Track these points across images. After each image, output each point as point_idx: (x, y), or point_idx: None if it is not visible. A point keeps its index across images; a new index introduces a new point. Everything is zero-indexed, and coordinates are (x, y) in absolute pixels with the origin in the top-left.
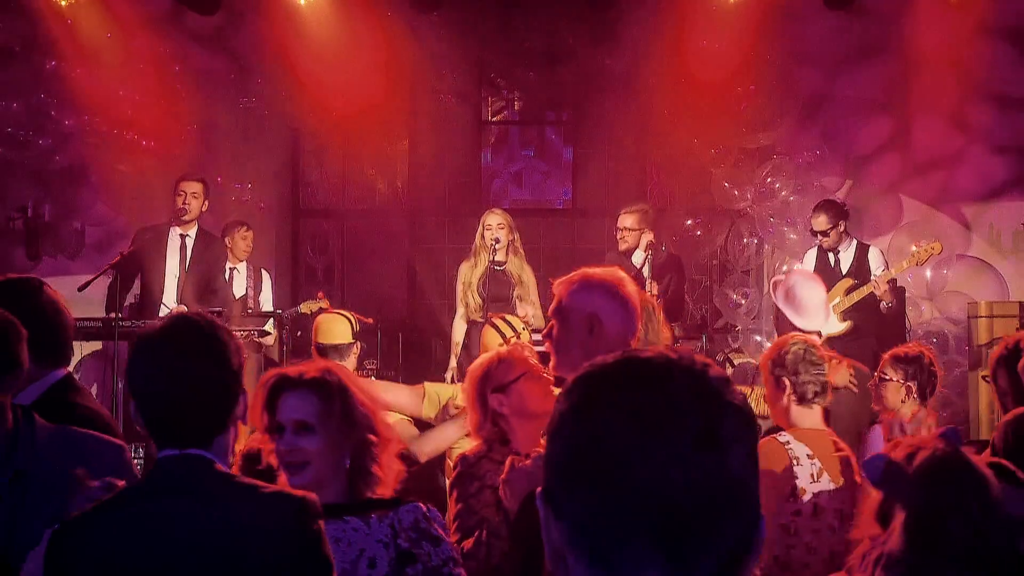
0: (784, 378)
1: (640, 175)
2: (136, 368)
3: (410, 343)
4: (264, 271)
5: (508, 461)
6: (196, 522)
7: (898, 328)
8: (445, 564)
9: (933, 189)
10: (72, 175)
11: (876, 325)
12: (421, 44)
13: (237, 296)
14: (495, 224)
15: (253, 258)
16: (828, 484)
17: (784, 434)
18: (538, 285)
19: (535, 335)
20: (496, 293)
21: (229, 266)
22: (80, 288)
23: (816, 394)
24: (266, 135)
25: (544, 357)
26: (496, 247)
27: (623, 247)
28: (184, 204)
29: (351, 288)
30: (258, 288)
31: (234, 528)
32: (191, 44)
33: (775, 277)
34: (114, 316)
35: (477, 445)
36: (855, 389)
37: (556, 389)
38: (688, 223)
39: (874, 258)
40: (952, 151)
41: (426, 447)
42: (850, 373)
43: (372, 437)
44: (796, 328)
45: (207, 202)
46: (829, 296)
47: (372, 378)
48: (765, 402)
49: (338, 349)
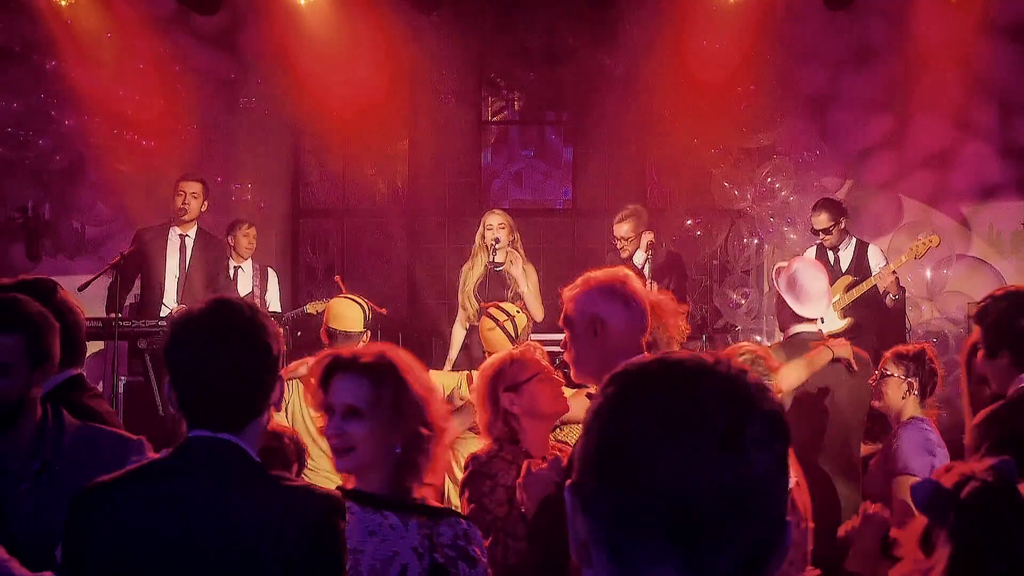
0: None
1: (640, 175)
2: (174, 347)
3: (410, 343)
4: (271, 270)
5: (524, 465)
6: (214, 507)
7: (898, 328)
8: None
9: (933, 189)
10: (72, 175)
11: (877, 323)
12: (421, 44)
13: (242, 295)
14: (496, 224)
15: (258, 257)
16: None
17: None
18: (540, 285)
19: (542, 335)
20: (495, 295)
21: (234, 265)
22: (80, 288)
23: None
24: (266, 135)
25: (555, 357)
26: (496, 247)
27: (624, 255)
28: (184, 204)
29: (351, 288)
30: (264, 287)
31: (250, 519)
32: (191, 44)
33: (778, 264)
34: (114, 316)
35: (488, 444)
36: (855, 367)
37: (567, 391)
38: (688, 223)
39: (874, 255)
40: (952, 151)
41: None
42: (852, 351)
43: (423, 429)
44: (798, 318)
45: (207, 202)
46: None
47: None
48: None
49: (348, 336)
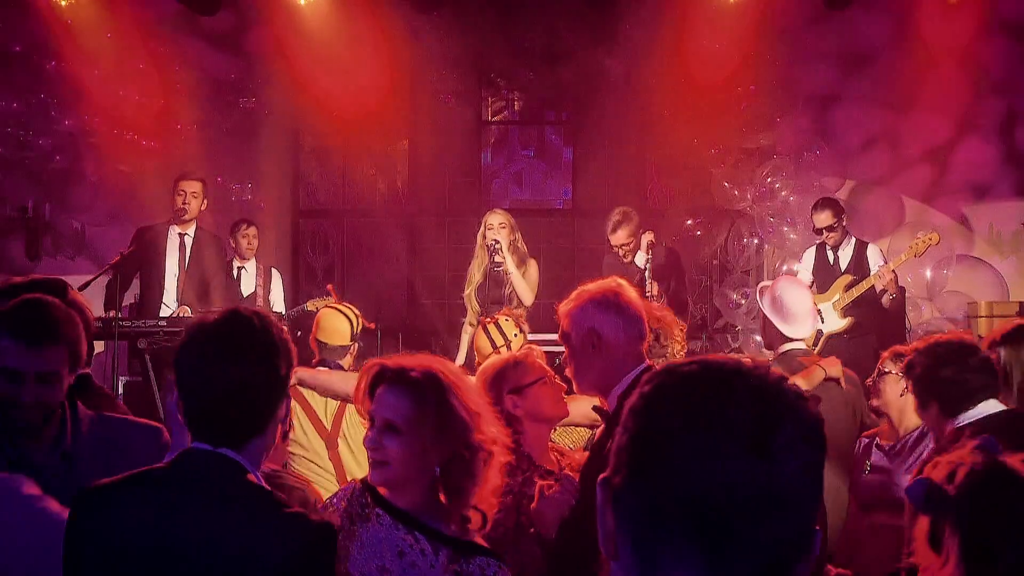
0: None
1: (640, 175)
2: (181, 358)
3: (410, 343)
4: (275, 270)
5: (537, 489)
6: (201, 521)
7: (898, 327)
8: None
9: (933, 188)
10: (72, 175)
11: (876, 322)
12: (421, 44)
13: (245, 295)
14: (496, 223)
15: (258, 257)
16: None
17: None
18: (540, 286)
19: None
20: (495, 295)
21: (237, 265)
22: (80, 288)
23: None
24: (266, 135)
25: (553, 358)
26: (496, 248)
27: (628, 260)
28: (184, 204)
29: (351, 288)
30: (267, 287)
31: (235, 537)
32: (192, 44)
33: (761, 284)
34: (114, 316)
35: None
36: (844, 384)
37: (567, 397)
38: (688, 223)
39: (873, 255)
40: (952, 151)
41: None
42: (842, 370)
43: (468, 450)
44: (784, 337)
45: (206, 201)
46: (829, 293)
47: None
48: None
49: (335, 349)
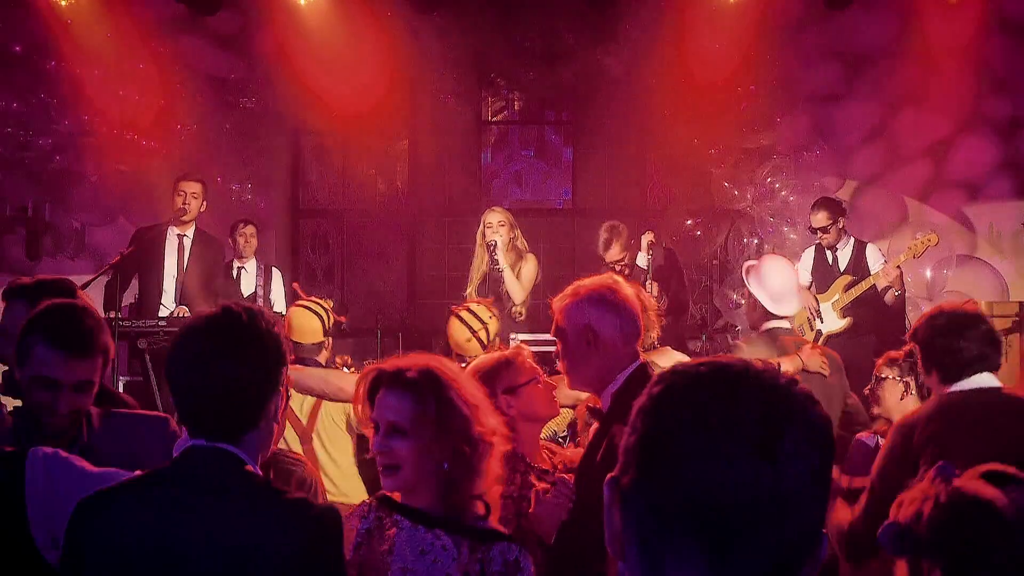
0: None
1: (640, 175)
2: (171, 357)
3: (410, 343)
4: (275, 269)
5: (533, 495)
6: (206, 517)
7: (898, 327)
8: None
9: (933, 189)
10: (72, 175)
11: (876, 322)
12: (421, 44)
13: (245, 295)
14: (495, 222)
15: (258, 257)
16: None
17: None
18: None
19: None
20: (496, 294)
21: (237, 265)
22: (80, 288)
23: None
24: (266, 135)
25: (543, 357)
26: (495, 247)
27: (627, 273)
28: (184, 204)
29: (351, 288)
30: (267, 287)
31: (242, 530)
32: (191, 44)
33: (747, 263)
34: (113, 316)
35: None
36: (825, 373)
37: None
38: (688, 223)
39: (872, 255)
40: (953, 151)
41: None
42: (822, 361)
43: (470, 444)
44: (768, 314)
45: (205, 202)
46: (828, 293)
47: (345, 369)
48: None
49: (308, 347)
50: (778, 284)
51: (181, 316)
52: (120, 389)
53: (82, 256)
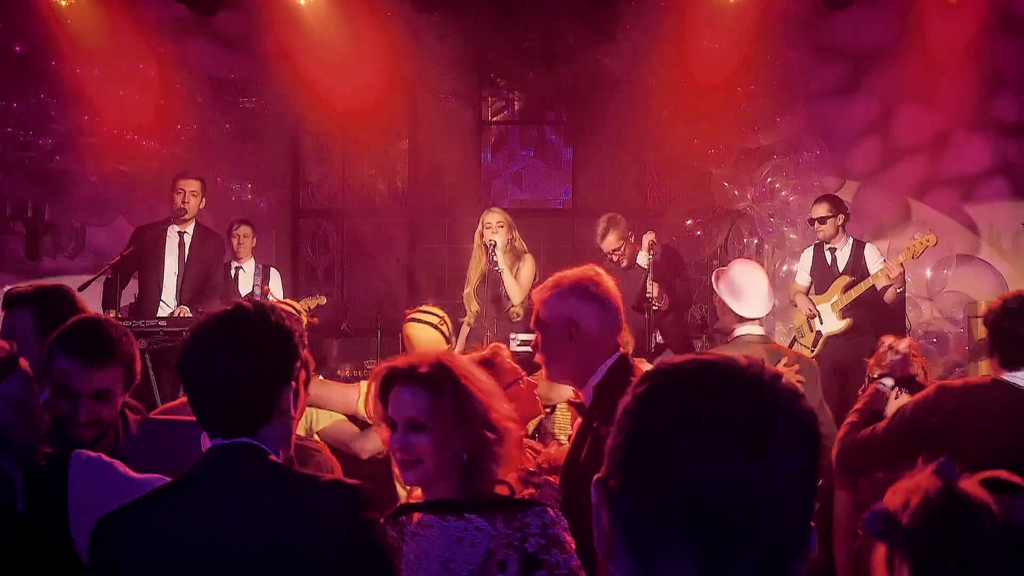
0: None
1: (640, 175)
2: (183, 355)
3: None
4: (273, 269)
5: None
6: (240, 513)
7: (898, 327)
8: (573, 574)
9: (933, 189)
10: (72, 175)
11: (875, 323)
12: (421, 44)
13: (243, 294)
14: (495, 223)
15: (258, 257)
16: None
17: None
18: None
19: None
20: (493, 294)
21: (235, 265)
22: (80, 288)
23: None
24: (266, 135)
25: (524, 358)
26: (494, 248)
27: (624, 264)
28: (183, 203)
29: (351, 288)
30: (266, 287)
31: (282, 519)
32: (192, 44)
33: (717, 268)
34: (113, 316)
35: None
36: (800, 390)
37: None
38: (688, 223)
39: (871, 255)
40: (953, 151)
41: (368, 444)
42: (793, 371)
43: (488, 433)
44: (741, 320)
45: (204, 200)
46: (827, 294)
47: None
48: None
49: None
50: (745, 284)
51: (182, 316)
52: None
53: (82, 256)
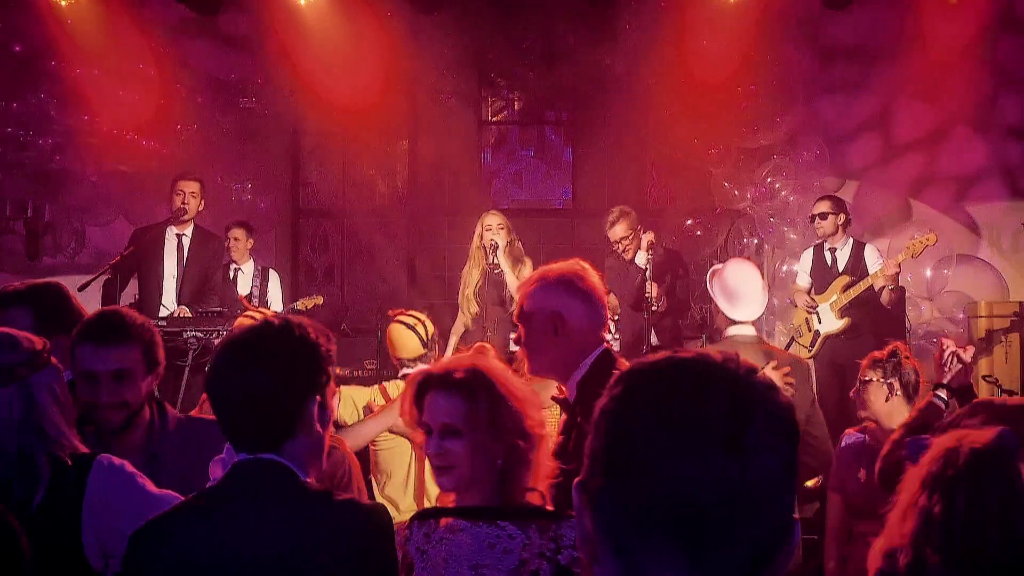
0: None
1: (640, 175)
2: (208, 371)
3: None
4: (272, 270)
5: None
6: (257, 530)
7: (898, 327)
8: None
9: (933, 189)
10: (72, 175)
11: (875, 323)
12: (421, 44)
13: (242, 295)
14: (495, 225)
15: (258, 257)
16: None
17: None
18: None
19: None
20: (494, 296)
21: (233, 266)
22: (80, 288)
23: None
24: (266, 135)
25: (510, 357)
26: (495, 249)
27: (628, 256)
28: (184, 204)
29: (351, 288)
30: (264, 288)
31: (294, 538)
32: (191, 44)
33: (713, 267)
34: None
35: None
36: (792, 391)
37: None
38: (688, 223)
39: (870, 255)
40: (952, 151)
41: (348, 441)
42: (784, 374)
43: (520, 441)
44: (730, 320)
45: (203, 201)
46: (827, 294)
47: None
48: None
49: (409, 363)
50: (737, 286)
51: (181, 316)
52: None
53: (82, 256)
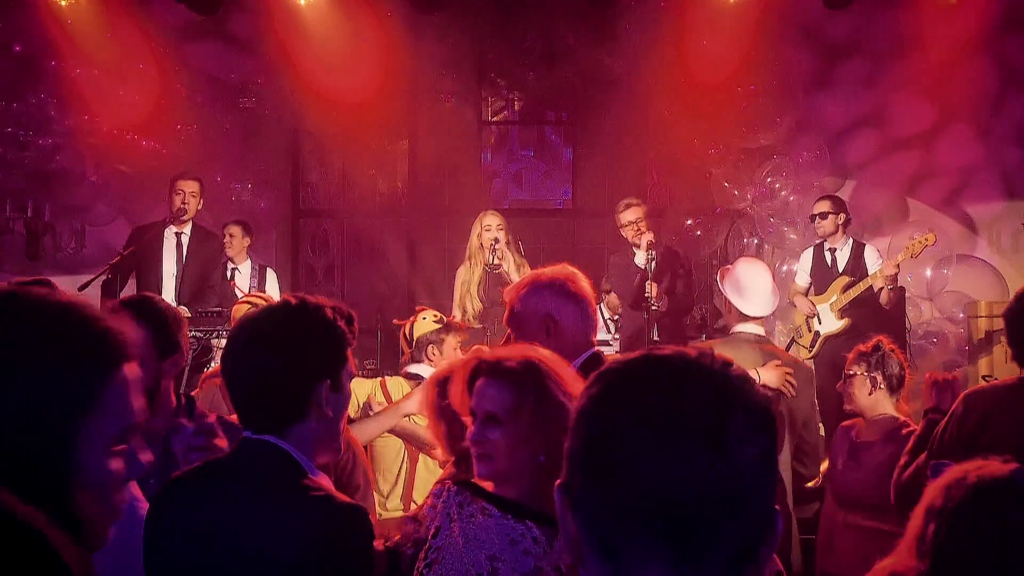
0: None
1: (640, 175)
2: (223, 351)
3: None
4: (269, 270)
5: None
6: (242, 510)
7: (898, 327)
8: None
9: (932, 189)
10: (72, 175)
11: (875, 323)
12: (421, 44)
13: (240, 296)
14: (495, 224)
15: (258, 257)
16: None
17: None
18: None
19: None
20: (494, 296)
21: (231, 266)
22: (80, 288)
23: None
24: (266, 135)
25: None
26: (496, 247)
27: (638, 242)
28: (183, 203)
29: (351, 288)
30: (262, 288)
31: (268, 524)
32: (191, 44)
33: (721, 268)
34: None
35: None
36: (792, 392)
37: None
38: (688, 223)
39: (870, 255)
40: (951, 151)
41: (361, 433)
42: (786, 372)
43: (564, 438)
44: (743, 318)
45: (203, 200)
46: (827, 294)
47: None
48: None
49: None
50: (749, 283)
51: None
52: None
53: (82, 256)
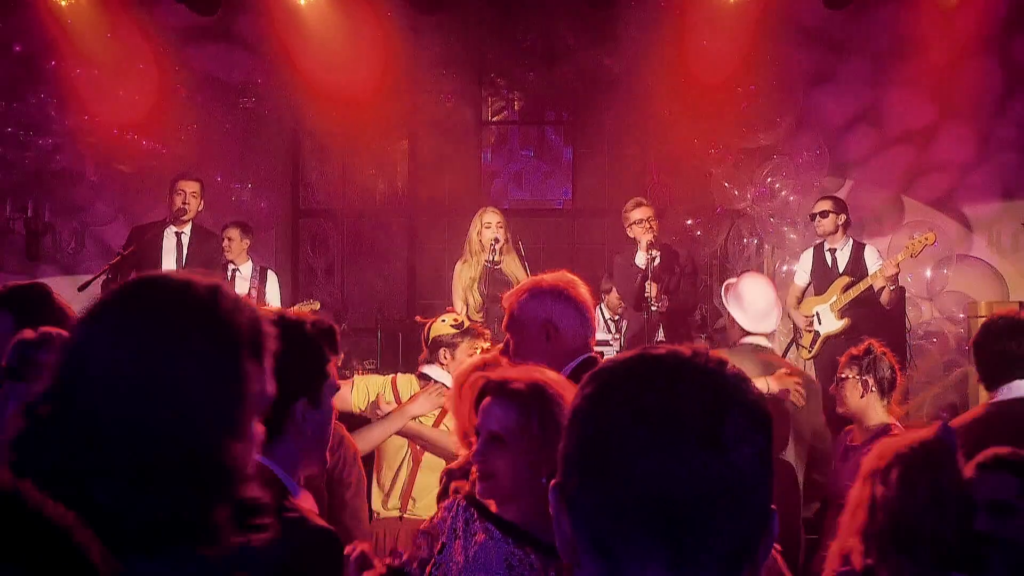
0: None
1: (640, 175)
2: None
3: (410, 343)
4: (270, 271)
5: None
6: None
7: (898, 327)
8: None
9: (933, 189)
10: (72, 175)
11: (874, 324)
12: (421, 44)
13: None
14: (495, 222)
15: (258, 258)
16: None
17: None
18: None
19: None
20: (493, 292)
21: (231, 267)
22: (80, 288)
23: None
24: (266, 135)
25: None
26: (496, 246)
27: (645, 238)
28: (184, 204)
29: (351, 288)
30: (262, 289)
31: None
32: (191, 44)
33: (727, 281)
34: None
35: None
36: (801, 401)
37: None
38: (688, 223)
39: (870, 255)
40: (950, 151)
41: (358, 444)
42: (795, 381)
43: None
44: (743, 331)
45: (203, 201)
46: (827, 294)
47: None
48: None
49: None
50: (755, 301)
51: None
52: None
53: (82, 256)
